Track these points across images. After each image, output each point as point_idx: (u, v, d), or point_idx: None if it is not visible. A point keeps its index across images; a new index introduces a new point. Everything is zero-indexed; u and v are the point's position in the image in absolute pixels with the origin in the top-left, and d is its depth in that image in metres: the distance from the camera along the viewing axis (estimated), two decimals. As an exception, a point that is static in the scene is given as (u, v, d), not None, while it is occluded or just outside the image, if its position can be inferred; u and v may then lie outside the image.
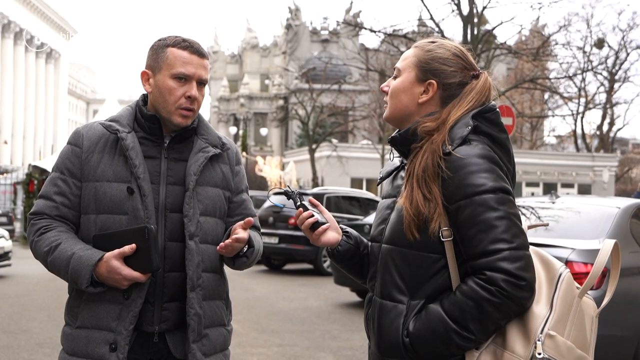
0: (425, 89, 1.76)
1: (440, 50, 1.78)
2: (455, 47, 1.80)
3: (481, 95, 1.74)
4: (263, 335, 7.15)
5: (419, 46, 1.82)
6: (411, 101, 1.78)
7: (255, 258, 2.15)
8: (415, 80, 1.78)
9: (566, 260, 4.66)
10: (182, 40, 2.07)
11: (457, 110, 1.72)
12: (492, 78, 1.84)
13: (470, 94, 1.74)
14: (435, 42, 1.82)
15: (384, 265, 1.74)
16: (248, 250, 2.07)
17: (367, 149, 33.59)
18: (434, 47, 1.79)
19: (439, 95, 1.76)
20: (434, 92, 1.76)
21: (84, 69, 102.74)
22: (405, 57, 1.82)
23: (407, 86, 1.78)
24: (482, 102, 1.74)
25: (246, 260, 2.09)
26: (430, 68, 1.76)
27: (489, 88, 1.77)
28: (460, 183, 1.61)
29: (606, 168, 35.95)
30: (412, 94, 1.78)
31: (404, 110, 1.79)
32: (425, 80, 1.77)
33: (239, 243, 1.99)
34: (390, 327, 1.67)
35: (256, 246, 2.09)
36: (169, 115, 2.05)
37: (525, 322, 1.56)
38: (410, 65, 1.79)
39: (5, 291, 9.83)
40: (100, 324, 1.98)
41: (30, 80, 64.35)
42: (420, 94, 1.77)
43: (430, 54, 1.78)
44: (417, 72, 1.78)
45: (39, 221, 2.06)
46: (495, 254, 1.55)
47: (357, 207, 14.12)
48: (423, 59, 1.78)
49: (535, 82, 22.41)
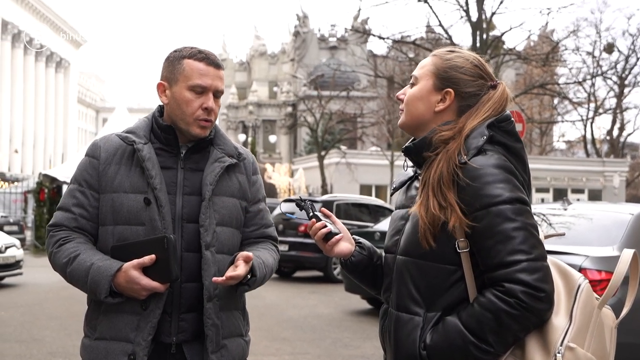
0: (442, 97, 1.76)
1: (459, 59, 1.78)
2: (473, 57, 1.80)
3: (498, 106, 1.74)
4: (274, 343, 7.14)
5: (437, 55, 1.82)
6: (427, 109, 1.77)
7: (262, 282, 2.11)
8: (433, 88, 1.77)
9: (580, 267, 4.62)
10: (199, 51, 2.07)
11: (474, 119, 1.71)
12: None
13: (487, 103, 1.74)
14: (454, 51, 1.82)
15: (400, 276, 1.73)
16: (250, 279, 2.03)
17: (376, 155, 33.56)
18: (453, 56, 1.79)
19: (456, 104, 1.76)
20: (451, 101, 1.75)
21: (94, 78, 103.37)
22: (423, 65, 1.82)
23: (424, 94, 1.78)
24: (498, 111, 1.73)
25: (247, 288, 2.06)
26: (448, 76, 1.76)
27: (507, 99, 1.76)
28: (477, 194, 1.60)
29: (617, 173, 35.75)
30: (428, 102, 1.77)
31: (419, 118, 1.78)
32: (443, 88, 1.76)
33: (234, 280, 1.95)
34: (407, 340, 1.66)
35: (259, 275, 2.05)
36: (187, 126, 2.06)
37: (545, 334, 1.55)
38: (428, 73, 1.79)
39: (16, 300, 9.86)
40: (119, 335, 1.98)
41: (40, 89, 64.79)
42: (437, 102, 1.76)
43: (449, 63, 1.77)
44: (434, 80, 1.77)
45: (57, 233, 2.07)
46: (513, 265, 1.54)
47: (366, 214, 14.11)
48: (441, 68, 1.77)
49: (545, 88, 22.38)
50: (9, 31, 58.14)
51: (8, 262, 11.29)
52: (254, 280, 2.04)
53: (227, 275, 1.94)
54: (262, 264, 2.08)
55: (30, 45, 59.16)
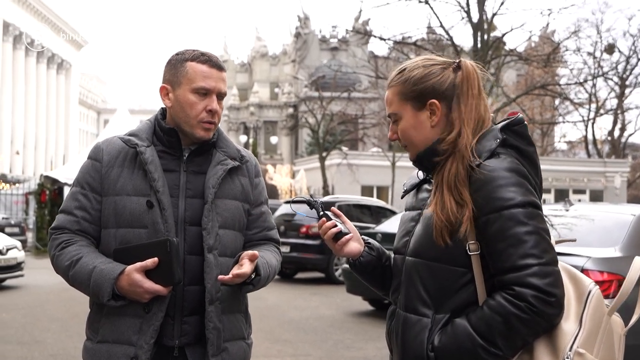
0: (430, 110, 1.74)
1: (414, 72, 1.76)
2: (420, 60, 1.79)
3: (472, 80, 1.73)
4: (276, 345, 7.13)
5: (393, 84, 1.79)
6: (425, 130, 1.75)
7: (266, 283, 2.11)
8: (416, 110, 1.75)
9: (582, 268, 4.61)
10: (201, 54, 2.07)
11: (463, 106, 1.71)
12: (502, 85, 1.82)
13: (462, 86, 1.72)
14: (403, 69, 1.79)
15: (409, 278, 1.73)
16: (255, 278, 2.04)
17: (378, 156, 33.56)
18: (407, 74, 1.77)
19: (445, 107, 1.74)
20: (439, 108, 1.74)
21: (95, 79, 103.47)
22: (390, 99, 1.79)
23: (413, 120, 1.76)
24: (477, 86, 1.72)
25: (252, 288, 2.06)
26: (420, 92, 1.74)
27: (475, 69, 1.75)
28: (489, 197, 1.59)
29: (618, 174, 35.72)
30: (422, 124, 1.75)
31: (425, 142, 1.75)
32: (424, 104, 1.74)
33: (240, 278, 1.95)
34: (415, 341, 1.65)
35: (264, 274, 2.05)
36: (191, 129, 2.06)
37: (554, 339, 1.54)
38: (401, 102, 1.77)
39: (18, 302, 9.86)
40: (121, 338, 1.97)
41: (42, 91, 64.88)
42: (428, 118, 1.74)
43: (409, 82, 1.75)
44: (411, 104, 1.75)
45: (60, 236, 2.06)
46: (524, 269, 1.53)
47: (368, 215, 14.09)
48: (407, 90, 1.76)
49: (546, 89, 22.35)
50: (11, 33, 58.21)
51: (9, 263, 11.29)
52: (259, 280, 2.05)
53: (233, 273, 1.94)
54: (266, 264, 2.08)
55: (32, 47, 59.19)
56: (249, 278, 2.01)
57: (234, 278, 1.94)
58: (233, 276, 1.94)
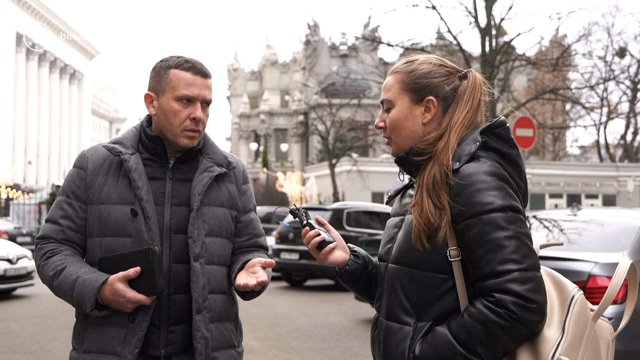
0: (426, 107, 1.72)
1: (422, 66, 1.75)
2: (433, 57, 1.78)
3: (476, 92, 1.71)
4: (283, 352, 7.10)
5: (398, 71, 1.77)
6: (416, 125, 1.73)
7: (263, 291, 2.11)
8: (412, 103, 1.73)
9: (589, 273, 4.56)
10: (185, 61, 2.04)
11: (459, 114, 1.69)
12: (512, 89, 1.80)
13: (464, 94, 1.71)
14: (412, 60, 1.77)
15: (391, 285, 1.70)
16: None
17: (388, 163, 33.48)
18: (416, 66, 1.75)
19: (440, 109, 1.72)
20: (436, 107, 1.72)
21: (107, 89, 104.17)
22: (389, 86, 1.77)
23: (407, 112, 1.73)
24: (478, 99, 1.70)
25: (257, 294, 2.06)
26: (422, 86, 1.72)
27: (480, 83, 1.73)
28: (468, 201, 1.56)
29: (631, 178, 35.39)
30: (414, 118, 1.73)
31: (412, 137, 1.73)
32: (422, 99, 1.72)
33: (259, 285, 1.93)
34: (396, 350, 1.62)
35: (268, 281, 2.04)
36: (174, 137, 2.04)
37: (536, 347, 1.51)
38: (400, 91, 1.74)
39: (27, 311, 9.90)
40: (106, 348, 1.96)
41: (55, 101, 65.39)
42: (422, 114, 1.72)
43: (415, 73, 1.74)
44: (410, 95, 1.73)
45: (45, 245, 2.05)
46: (504, 275, 1.49)
47: (377, 221, 14.03)
48: (410, 81, 1.74)
49: (556, 93, 22.23)
50: (23, 44, 58.76)
51: (20, 273, 11.33)
52: (264, 286, 2.03)
53: (258, 281, 1.91)
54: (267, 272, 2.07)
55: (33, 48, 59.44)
56: None
57: (257, 286, 1.92)
58: (258, 284, 1.91)
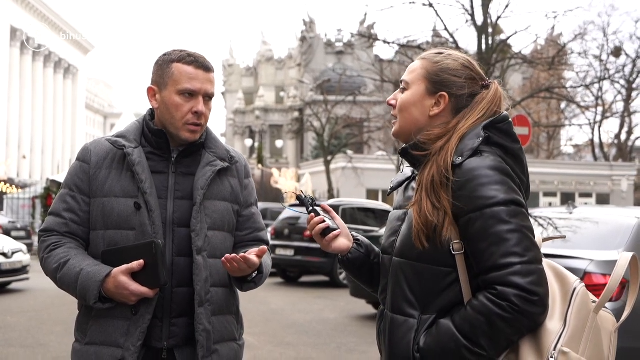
0: (437, 101, 1.73)
1: (449, 61, 1.75)
2: (463, 58, 1.78)
3: (492, 105, 1.72)
4: (279, 348, 7.12)
5: (426, 58, 1.78)
6: (422, 114, 1.74)
7: (261, 283, 2.12)
8: (426, 92, 1.74)
9: (585, 271, 4.59)
10: (187, 55, 2.06)
11: (468, 120, 1.69)
12: (507, 88, 1.80)
13: (481, 104, 1.72)
14: (443, 52, 1.79)
15: (395, 278, 1.72)
16: (257, 276, 2.04)
17: (383, 160, 33.51)
18: (442, 58, 1.76)
19: (451, 107, 1.73)
20: (446, 104, 1.73)
21: (102, 84, 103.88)
22: (413, 69, 1.79)
23: (418, 99, 1.75)
24: (493, 111, 1.71)
25: (254, 285, 2.07)
26: (441, 80, 1.73)
27: (500, 98, 1.74)
28: (471, 195, 1.57)
29: (625, 177, 35.53)
30: (423, 107, 1.74)
31: (415, 124, 1.75)
32: (436, 92, 1.73)
33: (247, 265, 1.93)
34: (402, 342, 1.64)
35: (265, 272, 2.06)
36: (176, 131, 2.05)
37: (538, 339, 1.52)
38: (419, 77, 1.76)
39: (23, 305, 9.89)
40: (109, 340, 1.97)
41: (49, 95, 65.16)
42: (431, 106, 1.74)
43: (439, 65, 1.75)
44: (427, 85, 1.74)
45: (48, 238, 2.06)
46: (506, 268, 1.51)
47: (372, 218, 14.06)
48: (432, 71, 1.75)
49: (552, 92, 22.28)
50: (18, 38, 58.50)
51: (15, 267, 11.33)
52: (261, 277, 2.05)
53: (243, 255, 1.91)
54: (265, 263, 2.08)
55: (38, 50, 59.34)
56: (249, 276, 2.01)
57: (241, 260, 1.90)
58: (241, 257, 1.91)
